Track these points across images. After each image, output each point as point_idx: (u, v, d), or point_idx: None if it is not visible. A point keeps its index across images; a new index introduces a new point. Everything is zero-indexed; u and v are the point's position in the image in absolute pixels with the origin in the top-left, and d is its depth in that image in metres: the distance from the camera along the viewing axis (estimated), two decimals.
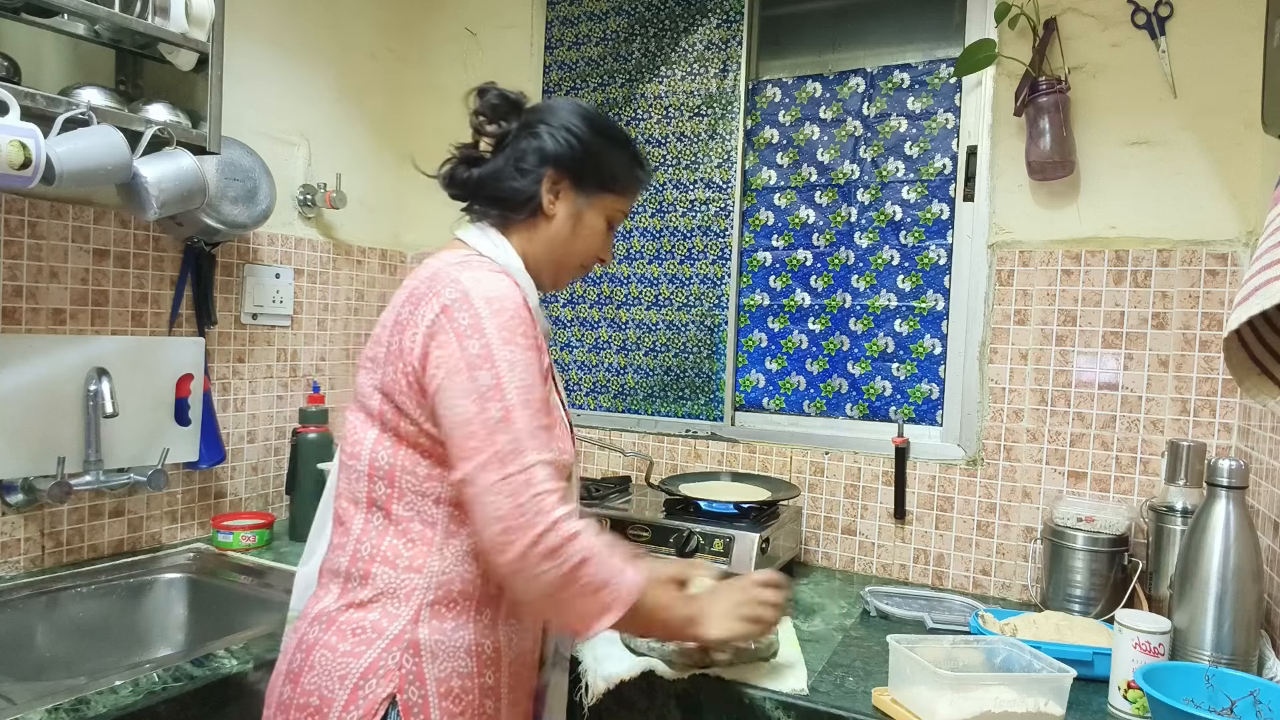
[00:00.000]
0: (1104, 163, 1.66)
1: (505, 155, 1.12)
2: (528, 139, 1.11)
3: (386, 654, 0.96)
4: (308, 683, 0.98)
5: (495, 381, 0.94)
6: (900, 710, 1.13)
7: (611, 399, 2.20)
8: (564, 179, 1.11)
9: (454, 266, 1.02)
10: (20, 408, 1.52)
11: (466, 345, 0.95)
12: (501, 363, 0.94)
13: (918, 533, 1.82)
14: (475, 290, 0.97)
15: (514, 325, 0.97)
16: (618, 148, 1.16)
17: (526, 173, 1.10)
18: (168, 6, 1.51)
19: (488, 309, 0.96)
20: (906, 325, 1.88)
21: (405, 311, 1.01)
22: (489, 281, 0.99)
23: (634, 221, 2.15)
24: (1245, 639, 1.19)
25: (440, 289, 0.99)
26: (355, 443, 1.04)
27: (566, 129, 1.11)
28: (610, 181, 1.14)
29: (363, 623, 0.98)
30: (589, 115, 1.14)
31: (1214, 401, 1.57)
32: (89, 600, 1.59)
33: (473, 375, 0.94)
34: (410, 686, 0.96)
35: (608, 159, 1.14)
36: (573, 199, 1.12)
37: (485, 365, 0.94)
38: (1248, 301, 0.99)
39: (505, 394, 0.93)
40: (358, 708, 0.95)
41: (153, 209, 1.50)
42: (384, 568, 0.99)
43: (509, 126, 1.14)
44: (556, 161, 1.10)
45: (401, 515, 1.00)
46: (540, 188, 1.10)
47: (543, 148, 1.10)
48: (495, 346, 0.95)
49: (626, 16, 2.15)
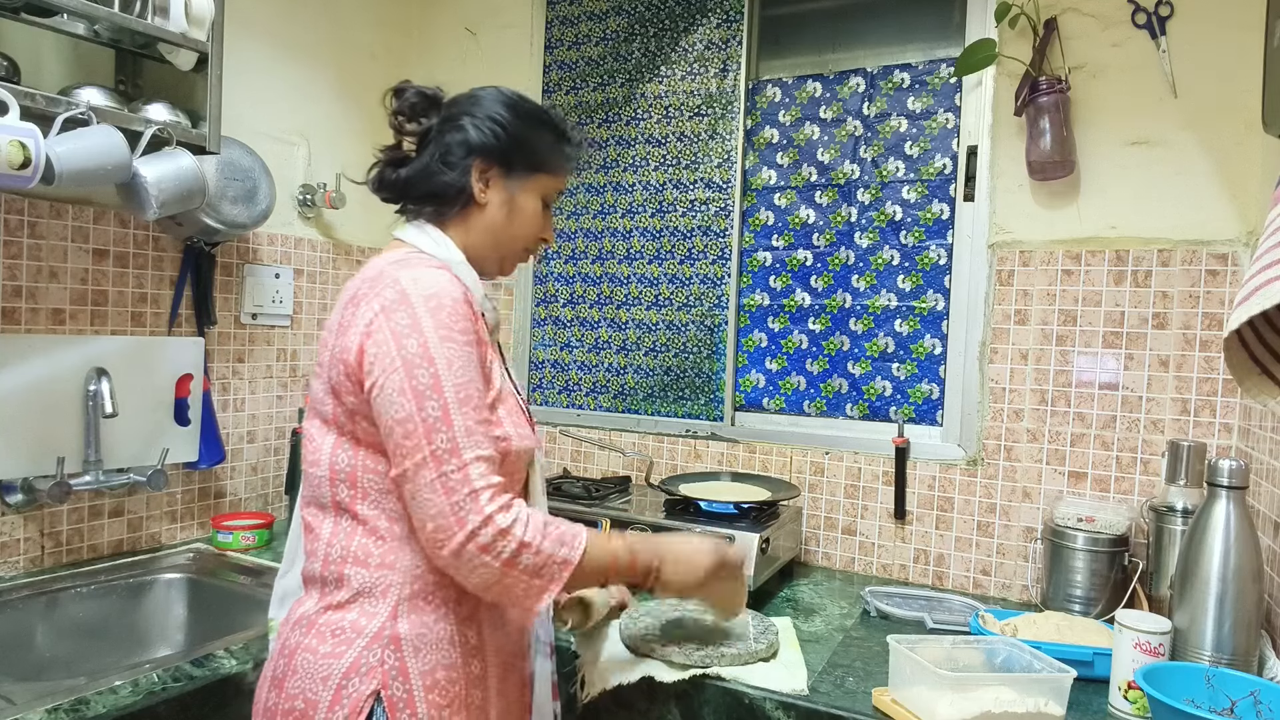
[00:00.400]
0: (1104, 163, 1.66)
1: (430, 151, 1.12)
2: (451, 132, 1.11)
3: (368, 651, 0.97)
4: (291, 687, 0.98)
5: (433, 380, 0.95)
6: (900, 710, 1.13)
7: (611, 399, 2.19)
8: (492, 166, 1.11)
9: (393, 265, 1.02)
10: (20, 408, 1.52)
11: (404, 344, 0.96)
12: (440, 361, 0.96)
13: (918, 533, 1.82)
14: (413, 289, 0.98)
15: (451, 322, 0.98)
16: (542, 127, 1.15)
17: (453, 166, 1.10)
18: (167, 6, 1.51)
19: (425, 307, 0.97)
20: (907, 325, 1.88)
21: (348, 314, 1.01)
22: (427, 279, 1.00)
23: (634, 221, 2.15)
24: (1245, 639, 1.19)
25: (380, 289, 0.99)
26: (315, 450, 1.04)
27: (489, 117, 1.11)
28: (539, 162, 1.14)
29: (341, 623, 0.98)
30: (510, 100, 1.13)
31: (1214, 401, 1.57)
32: (89, 600, 1.58)
33: (410, 374, 0.95)
34: (394, 682, 0.96)
35: (533, 140, 1.13)
36: (503, 185, 1.12)
37: (423, 364, 0.95)
38: (1248, 301, 0.99)
39: (443, 392, 0.95)
40: (343, 707, 0.95)
41: (152, 209, 1.50)
42: (357, 568, 1.00)
43: (429, 123, 1.13)
44: (482, 150, 1.10)
45: (367, 515, 1.01)
46: (469, 178, 1.10)
47: (467, 139, 1.10)
48: (433, 345, 0.96)
49: (626, 16, 2.15)
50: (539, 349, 2.29)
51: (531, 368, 2.30)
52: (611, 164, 2.18)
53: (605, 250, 2.19)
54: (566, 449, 2.20)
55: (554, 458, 2.21)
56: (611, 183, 2.18)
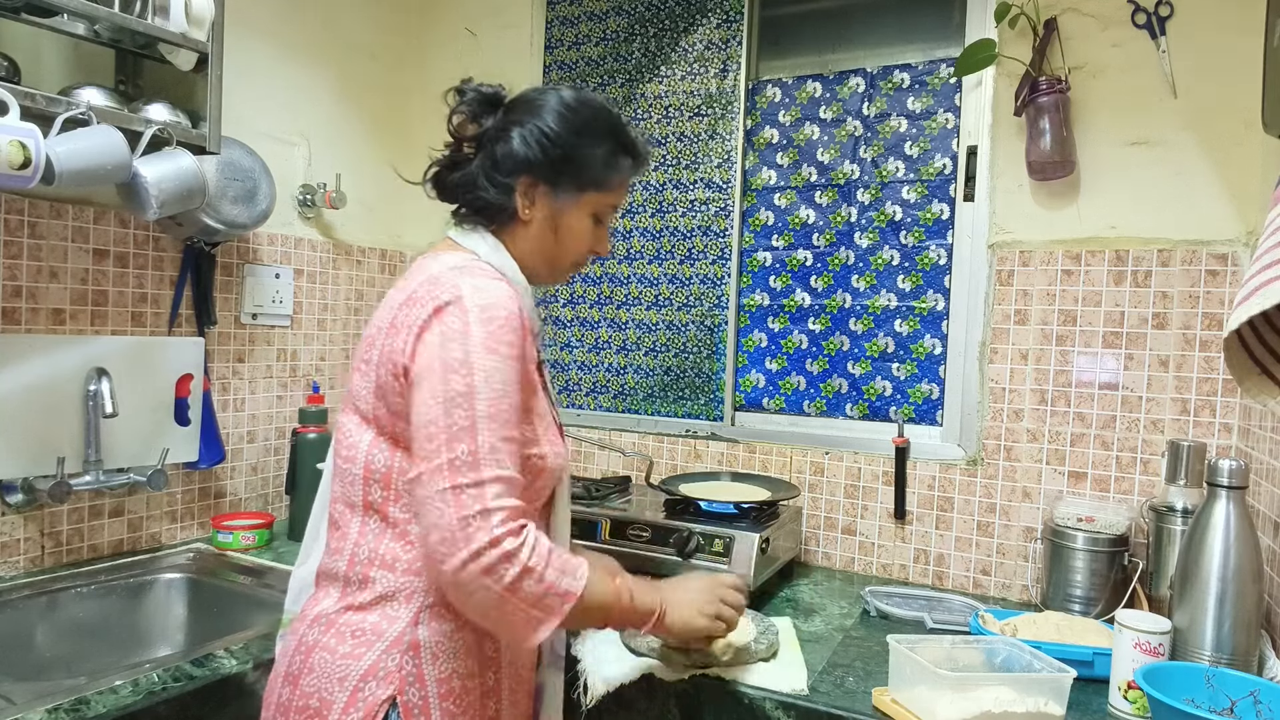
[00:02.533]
0: (1104, 163, 1.66)
1: (479, 161, 1.09)
2: (501, 143, 1.08)
3: (386, 656, 0.96)
4: (307, 685, 0.97)
5: (467, 389, 0.92)
6: (900, 710, 1.13)
7: (611, 399, 2.19)
8: (538, 184, 1.08)
9: (454, 271, 1.00)
10: (20, 408, 1.52)
11: (448, 348, 0.94)
12: (478, 372, 0.93)
13: (918, 533, 1.82)
14: (471, 296, 0.96)
15: (501, 335, 0.96)
16: (598, 141, 1.09)
17: (498, 182, 1.07)
18: (168, 6, 1.51)
19: (478, 316, 0.95)
20: (906, 325, 1.88)
21: (402, 314, 1.00)
22: (488, 289, 0.98)
23: (634, 221, 2.15)
24: (1245, 639, 1.19)
25: (438, 291, 0.98)
26: (350, 446, 1.03)
27: (539, 130, 1.07)
28: (588, 180, 1.10)
29: (362, 625, 0.98)
30: (566, 111, 1.08)
31: (1214, 401, 1.57)
32: (89, 600, 1.58)
33: (446, 378, 0.93)
34: (410, 688, 0.96)
35: (585, 156, 1.09)
36: (549, 203, 1.09)
37: (461, 371, 0.93)
38: (1248, 301, 0.99)
39: (475, 404, 0.92)
40: (357, 709, 0.95)
41: (152, 209, 1.50)
42: (383, 571, 0.99)
43: (487, 125, 1.10)
44: (528, 167, 1.07)
45: (399, 518, 1.00)
46: (513, 196, 1.07)
47: (513, 153, 1.07)
48: (476, 355, 0.93)
49: (626, 16, 2.15)
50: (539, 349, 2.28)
51: None
52: None
53: None
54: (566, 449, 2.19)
55: None
56: None
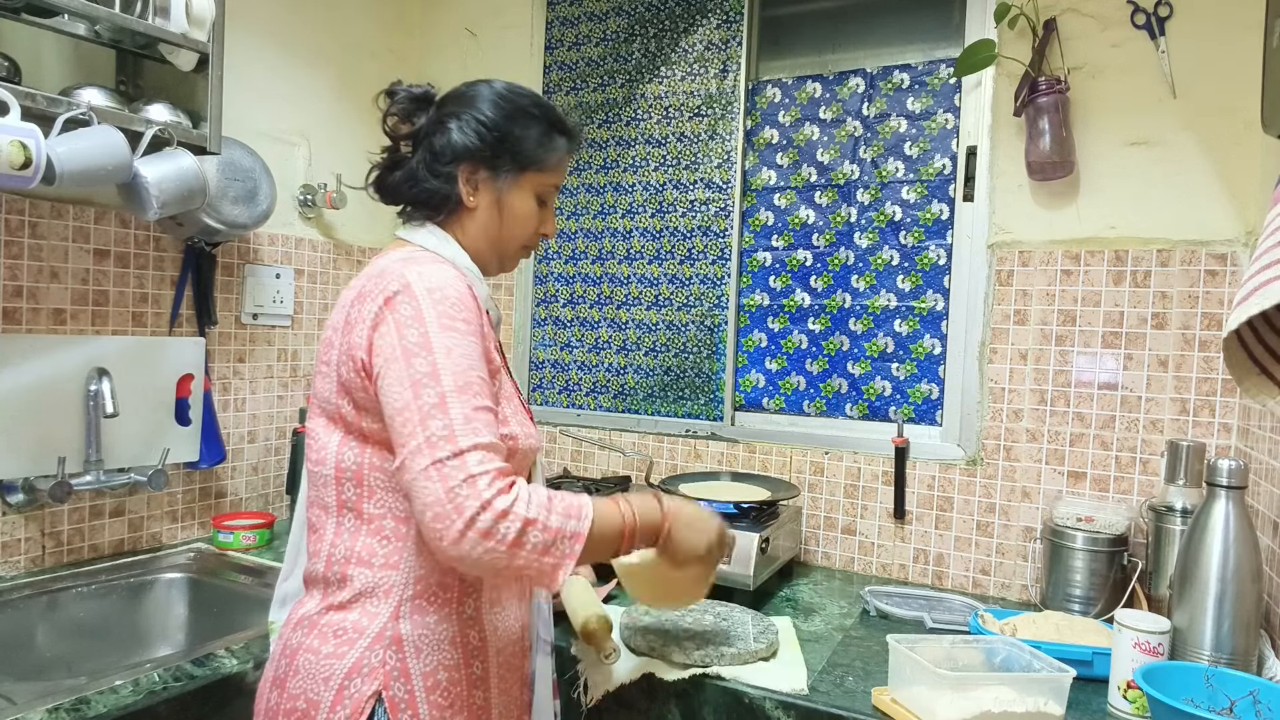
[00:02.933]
0: (1104, 163, 1.66)
1: (419, 156, 1.12)
2: (437, 135, 1.10)
3: (369, 652, 0.97)
4: (293, 687, 0.98)
5: (431, 368, 0.94)
6: (900, 710, 1.13)
7: (611, 399, 2.20)
8: (479, 169, 1.10)
9: (400, 262, 1.02)
10: (21, 408, 1.52)
11: (405, 334, 0.96)
12: (439, 349, 0.95)
13: (917, 533, 1.82)
14: (418, 282, 0.98)
15: (454, 312, 0.98)
16: (531, 121, 1.12)
17: (439, 172, 1.10)
18: (168, 7, 1.52)
19: (429, 298, 0.97)
20: (906, 325, 1.88)
21: (354, 310, 1.01)
22: (432, 272, 1.00)
23: (634, 221, 2.15)
24: (1245, 639, 1.19)
25: (386, 285, 0.99)
26: (320, 449, 1.04)
27: (474, 119, 1.09)
28: (527, 160, 1.11)
29: (344, 624, 0.98)
30: (497, 99, 1.11)
31: (1213, 401, 1.57)
32: (89, 600, 1.59)
33: (409, 362, 0.94)
34: (395, 682, 0.97)
35: (520, 137, 1.11)
36: (492, 186, 1.11)
37: (422, 352, 0.95)
38: (1247, 301, 0.99)
39: (441, 380, 0.94)
40: (344, 707, 0.95)
41: (153, 209, 1.50)
42: (360, 568, 1.00)
43: (420, 123, 1.12)
44: (467, 155, 1.09)
45: (373, 514, 1.01)
46: (456, 185, 1.10)
47: (451, 143, 1.09)
48: (433, 334, 0.95)
49: (626, 16, 2.15)
50: (539, 349, 2.29)
51: (531, 368, 2.30)
52: (611, 164, 2.18)
53: (605, 250, 2.19)
54: (566, 449, 2.20)
55: (554, 458, 2.21)
56: (611, 183, 2.18)
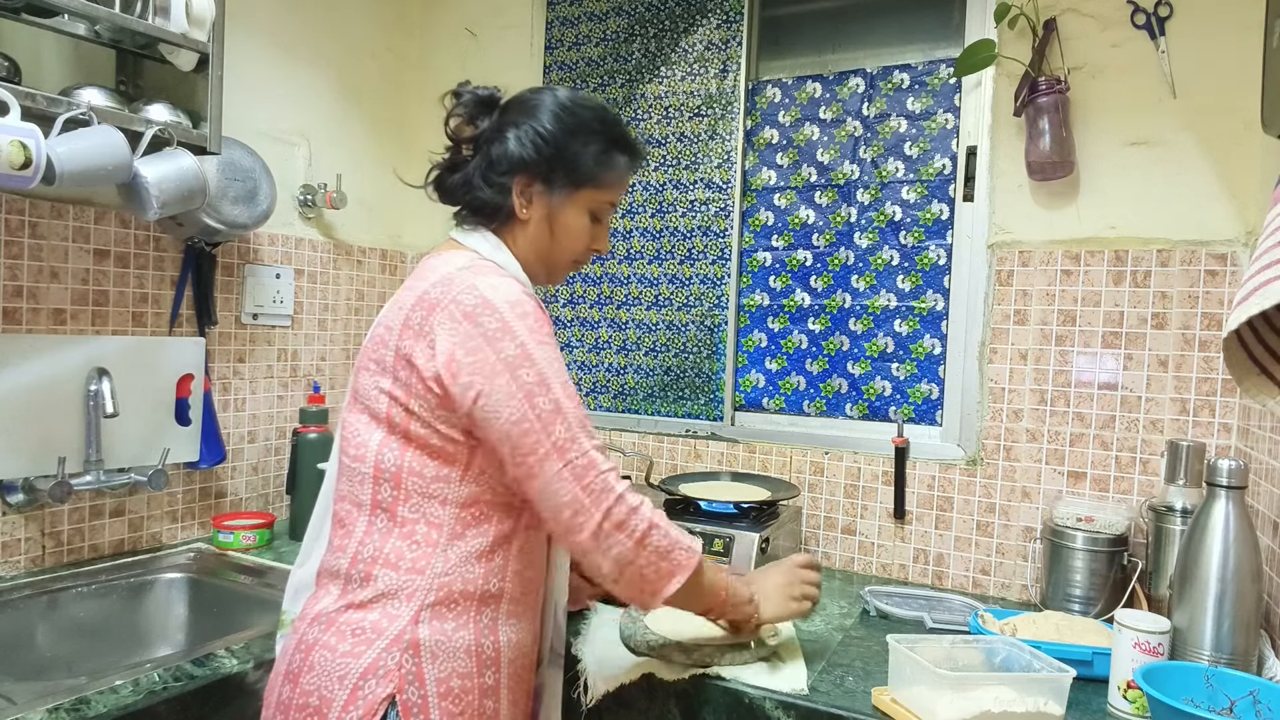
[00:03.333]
0: (1104, 163, 1.66)
1: (476, 162, 1.12)
2: (496, 143, 1.10)
3: (386, 654, 0.96)
4: (307, 683, 0.98)
5: (539, 378, 0.97)
6: (900, 710, 1.13)
7: (611, 399, 2.20)
8: (534, 183, 1.10)
9: (464, 272, 1.02)
10: (21, 408, 1.52)
11: (501, 349, 0.97)
12: (540, 359, 0.98)
13: (917, 533, 1.82)
14: (494, 295, 0.99)
15: (538, 325, 1.00)
16: (592, 139, 1.11)
17: (493, 183, 1.10)
18: (168, 6, 1.51)
19: (512, 312, 0.99)
20: (906, 325, 1.88)
21: (416, 316, 1.00)
22: (504, 287, 1.01)
23: (634, 221, 2.15)
24: (1245, 639, 1.19)
25: (457, 295, 0.99)
26: (359, 445, 1.03)
27: (534, 130, 1.09)
28: (583, 177, 1.11)
29: (362, 623, 0.98)
30: (560, 111, 1.10)
31: (1213, 401, 1.57)
32: (89, 600, 1.59)
33: (515, 376, 0.97)
34: (410, 687, 0.96)
35: (578, 153, 1.10)
36: (545, 201, 1.11)
37: (525, 364, 0.97)
38: (1247, 301, 0.99)
39: (551, 388, 0.98)
40: (357, 708, 0.95)
41: (153, 209, 1.50)
42: (386, 569, 0.99)
43: (483, 127, 1.12)
44: (523, 167, 1.09)
45: (407, 517, 1.00)
46: (510, 196, 1.10)
47: (508, 154, 1.09)
48: (530, 346, 0.98)
49: (626, 16, 2.15)
50: None
51: None
52: None
53: None
54: None
55: None
56: None
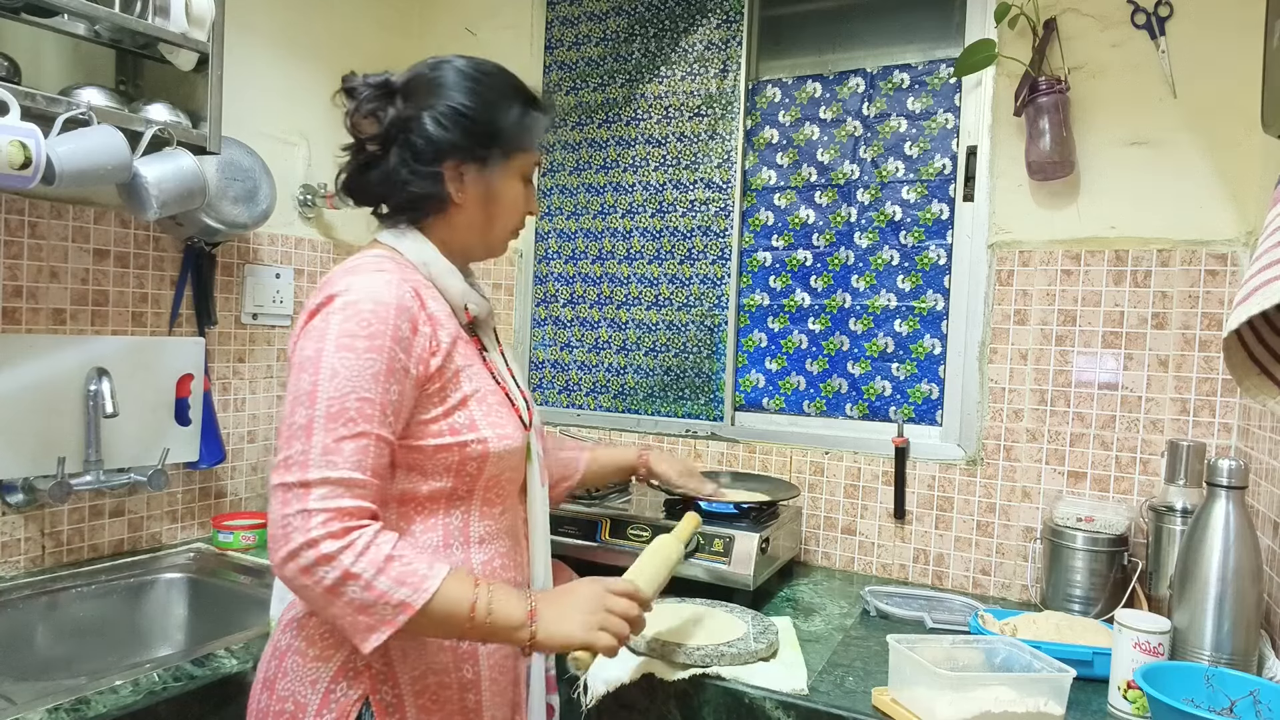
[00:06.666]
0: (1104, 163, 1.66)
1: (395, 154, 1.04)
2: (414, 132, 1.02)
3: (355, 655, 0.96)
4: (282, 689, 0.98)
5: (310, 388, 0.92)
6: (900, 710, 1.13)
7: (611, 399, 2.19)
8: (465, 164, 1.04)
9: (342, 269, 1.00)
10: (20, 408, 1.52)
11: (304, 346, 0.94)
12: (324, 370, 0.92)
13: (918, 533, 1.82)
14: (343, 295, 0.95)
15: (358, 329, 0.93)
16: (509, 104, 1.06)
17: (423, 173, 1.03)
18: (168, 6, 1.51)
19: (341, 314, 0.94)
20: (906, 325, 1.88)
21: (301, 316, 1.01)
22: (360, 284, 0.96)
23: (634, 221, 2.15)
24: (1245, 639, 1.19)
25: (321, 292, 0.98)
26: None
27: (452, 109, 1.02)
28: (511, 144, 1.06)
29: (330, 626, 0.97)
30: (469, 81, 1.04)
31: (1214, 401, 1.57)
32: (89, 600, 1.59)
33: (297, 376, 0.94)
34: (383, 686, 0.96)
35: (502, 122, 1.05)
36: (480, 179, 1.06)
37: (309, 370, 0.92)
38: (1247, 301, 0.99)
39: (315, 403, 0.91)
40: (330, 711, 0.95)
41: (153, 209, 1.50)
42: None
43: (388, 118, 1.04)
44: (452, 150, 1.03)
45: None
46: (441, 184, 1.04)
47: (432, 140, 1.02)
48: (326, 352, 0.92)
49: (626, 16, 2.15)
50: (539, 349, 2.29)
51: (531, 368, 2.30)
52: (611, 164, 2.18)
53: (605, 250, 2.19)
54: None
55: None
56: (611, 183, 2.18)
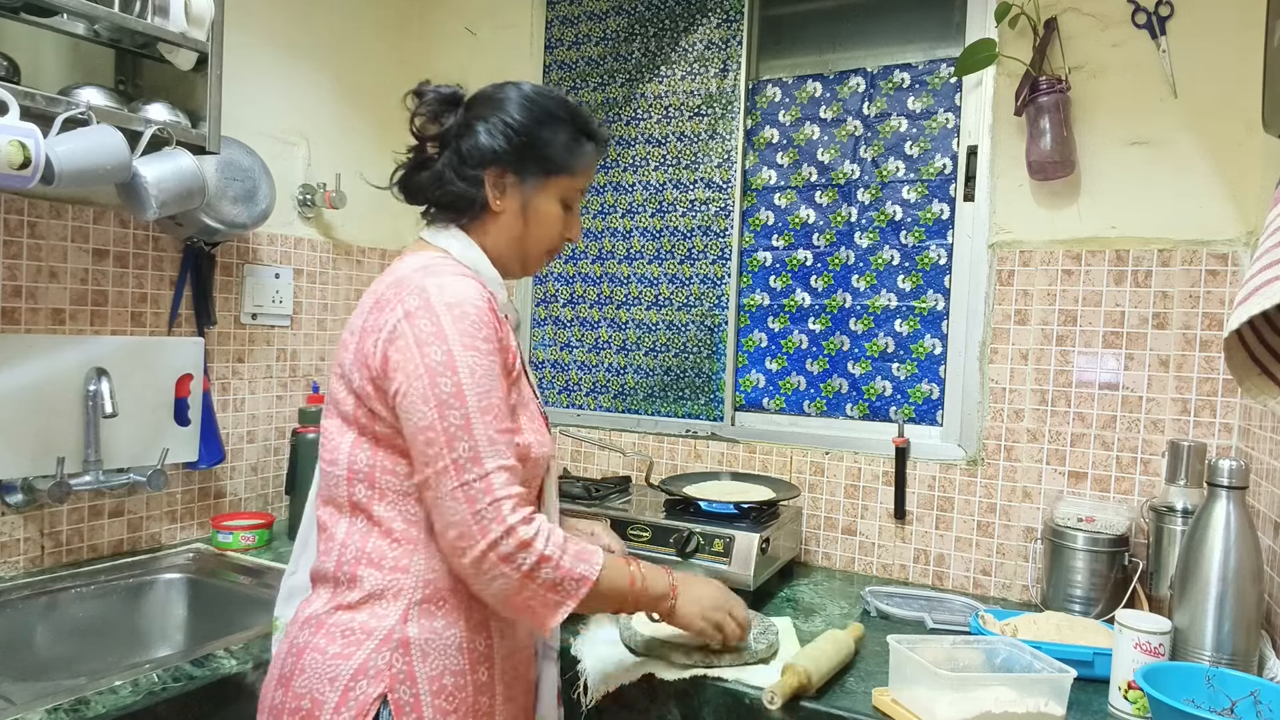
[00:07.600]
0: (1104, 163, 1.66)
1: (446, 158, 1.11)
2: (466, 138, 1.10)
3: (376, 654, 0.97)
4: (299, 686, 0.98)
5: (456, 389, 0.95)
6: (900, 710, 1.13)
7: (611, 399, 2.19)
8: (506, 174, 1.10)
9: (419, 272, 1.02)
10: (20, 408, 1.52)
11: (427, 352, 0.96)
12: (463, 369, 0.96)
13: (918, 533, 1.82)
14: (437, 296, 0.99)
15: (475, 330, 0.98)
16: (559, 127, 1.12)
17: (465, 176, 1.09)
18: (167, 6, 1.51)
19: (449, 315, 0.98)
20: (907, 325, 1.88)
21: (370, 319, 1.02)
22: (453, 287, 1.00)
23: (634, 221, 2.15)
24: (1245, 639, 1.19)
25: (404, 295, 1.00)
26: (333, 448, 1.04)
27: (503, 122, 1.09)
28: (554, 165, 1.12)
29: (351, 624, 0.98)
30: (526, 102, 1.11)
31: (1214, 401, 1.57)
32: (89, 600, 1.58)
33: (434, 381, 0.95)
34: (401, 685, 0.97)
35: (548, 142, 1.11)
36: (519, 191, 1.11)
37: (446, 372, 0.96)
38: (1248, 301, 0.99)
39: (465, 401, 0.95)
40: (349, 709, 0.95)
41: (152, 209, 1.50)
42: (370, 569, 1.00)
43: (449, 124, 1.12)
44: (495, 159, 1.09)
45: (384, 516, 1.01)
46: (482, 188, 1.09)
47: (479, 146, 1.09)
48: (457, 353, 0.96)
49: (626, 16, 2.15)
50: (539, 349, 2.29)
51: (532, 368, 2.30)
52: (611, 164, 2.18)
53: (605, 250, 2.19)
54: (566, 449, 2.20)
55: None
56: (611, 183, 2.18)
